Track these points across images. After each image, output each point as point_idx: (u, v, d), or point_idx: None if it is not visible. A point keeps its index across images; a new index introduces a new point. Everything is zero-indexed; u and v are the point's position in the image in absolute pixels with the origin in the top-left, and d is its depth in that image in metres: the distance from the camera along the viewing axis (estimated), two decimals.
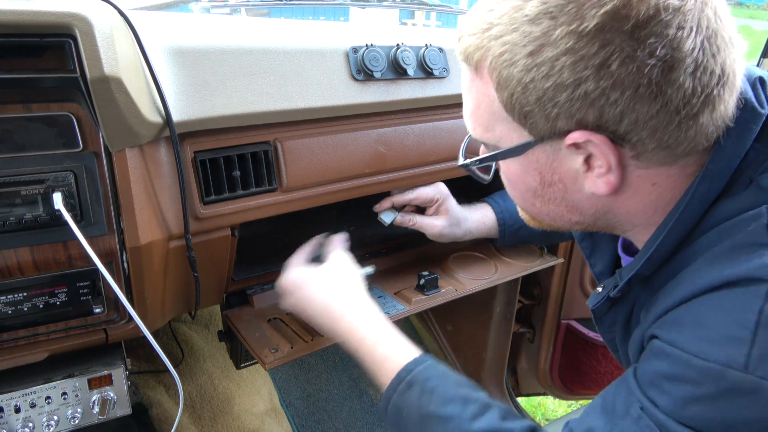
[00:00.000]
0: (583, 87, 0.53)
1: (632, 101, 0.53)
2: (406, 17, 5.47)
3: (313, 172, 1.01)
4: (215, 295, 1.12)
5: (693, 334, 0.54)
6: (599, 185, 0.61)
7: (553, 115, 0.56)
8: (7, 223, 0.76)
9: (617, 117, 0.54)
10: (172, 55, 0.85)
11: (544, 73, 0.54)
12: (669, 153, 0.57)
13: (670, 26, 0.50)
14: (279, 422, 1.67)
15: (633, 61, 0.51)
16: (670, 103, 0.53)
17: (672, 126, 0.54)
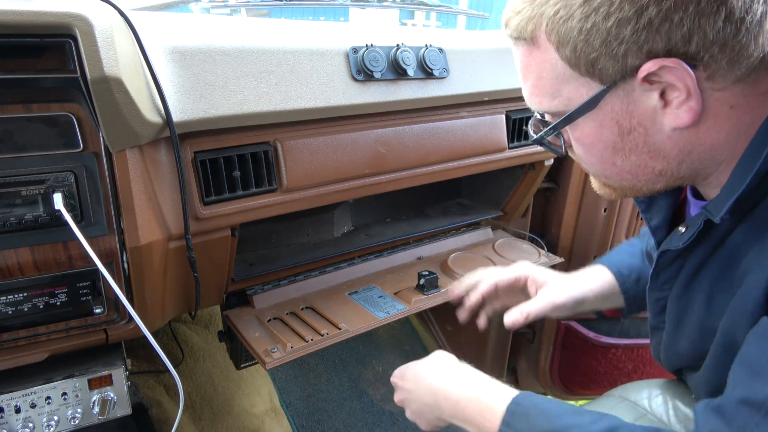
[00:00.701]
0: (646, 15, 0.53)
1: (696, 17, 0.52)
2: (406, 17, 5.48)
3: (313, 173, 1.01)
4: (215, 295, 1.12)
5: None
6: (681, 116, 0.59)
7: (621, 53, 0.56)
8: (7, 224, 0.76)
9: (686, 37, 0.53)
10: (172, 56, 0.85)
11: (603, 13, 0.54)
12: (741, 68, 0.56)
13: None
14: (279, 422, 1.67)
15: None
16: (733, 12, 0.52)
17: (740, 36, 0.53)
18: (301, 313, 1.18)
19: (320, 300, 1.24)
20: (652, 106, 0.59)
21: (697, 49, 0.54)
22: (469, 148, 1.22)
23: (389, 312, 1.19)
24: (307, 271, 1.30)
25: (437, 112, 1.17)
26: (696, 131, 0.60)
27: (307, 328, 1.12)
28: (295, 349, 1.05)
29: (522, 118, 1.32)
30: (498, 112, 1.27)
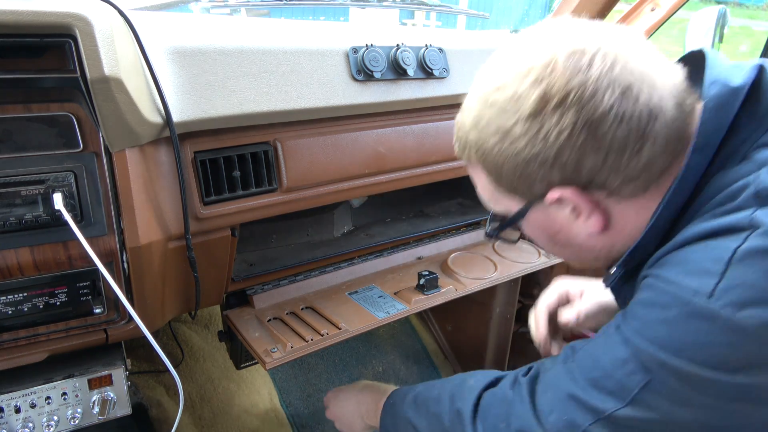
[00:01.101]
0: (540, 157, 0.65)
1: (581, 157, 0.64)
2: (406, 17, 5.48)
3: (313, 172, 1.01)
4: (215, 295, 1.12)
5: (674, 268, 0.63)
6: (590, 226, 0.71)
7: (530, 183, 0.69)
8: (7, 224, 0.76)
9: (576, 171, 0.65)
10: (172, 56, 0.85)
11: (511, 154, 0.67)
12: (635, 184, 0.67)
13: (583, 97, 0.61)
14: (279, 422, 1.67)
15: (565, 129, 0.63)
16: (612, 149, 0.63)
17: (623, 164, 0.64)
18: (301, 313, 1.18)
19: (320, 300, 1.24)
20: (567, 217, 0.72)
21: (589, 178, 0.66)
22: None
23: (389, 312, 1.19)
24: (307, 271, 1.30)
25: (437, 112, 1.17)
26: (612, 232, 0.72)
27: (307, 328, 1.12)
28: (295, 349, 1.05)
29: None
30: None
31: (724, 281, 0.57)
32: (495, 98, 0.67)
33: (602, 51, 0.62)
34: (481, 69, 0.72)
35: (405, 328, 2.05)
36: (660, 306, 0.62)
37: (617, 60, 0.62)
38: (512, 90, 0.65)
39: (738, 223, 0.59)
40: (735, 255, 0.58)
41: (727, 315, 0.57)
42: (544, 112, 0.63)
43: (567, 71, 0.62)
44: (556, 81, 0.62)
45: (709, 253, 0.60)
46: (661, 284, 0.63)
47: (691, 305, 0.59)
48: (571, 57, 0.62)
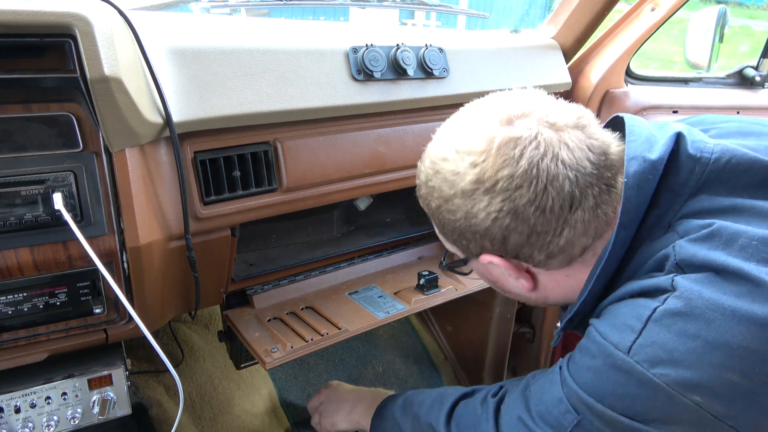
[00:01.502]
0: (472, 228, 0.72)
1: (507, 234, 0.71)
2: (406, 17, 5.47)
3: (313, 172, 1.01)
4: (215, 295, 1.12)
5: (606, 320, 0.69)
6: (519, 286, 0.81)
7: (465, 245, 0.77)
8: (7, 224, 0.76)
9: (503, 245, 0.72)
10: (172, 56, 0.85)
11: (450, 219, 0.74)
12: (560, 258, 0.73)
13: (510, 185, 0.67)
14: (279, 422, 1.67)
15: (493, 211, 0.69)
16: (534, 231, 0.69)
17: (546, 243, 0.71)
18: (301, 313, 1.18)
19: (320, 300, 1.24)
20: (502, 273, 0.81)
21: (514, 252, 0.73)
22: None
23: (389, 312, 1.19)
24: (307, 271, 1.30)
25: (437, 112, 1.17)
26: (543, 290, 0.81)
27: (307, 328, 1.12)
28: (295, 349, 1.05)
29: None
30: None
31: (641, 338, 0.63)
32: (440, 167, 0.74)
33: (536, 139, 0.67)
34: (438, 130, 0.79)
35: (405, 328, 2.05)
36: (590, 354, 0.68)
37: (548, 149, 0.67)
38: (453, 165, 0.72)
39: (660, 285, 0.65)
40: (654, 314, 0.63)
41: (641, 370, 0.62)
42: (476, 194, 0.70)
43: (498, 161, 0.68)
44: (488, 169, 0.68)
45: (634, 310, 0.65)
46: (594, 333, 0.69)
47: (612, 357, 0.65)
48: (505, 147, 0.68)
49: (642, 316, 0.64)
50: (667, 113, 1.53)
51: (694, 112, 1.55)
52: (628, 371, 0.63)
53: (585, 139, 0.69)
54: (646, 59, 1.73)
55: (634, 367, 0.62)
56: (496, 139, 0.68)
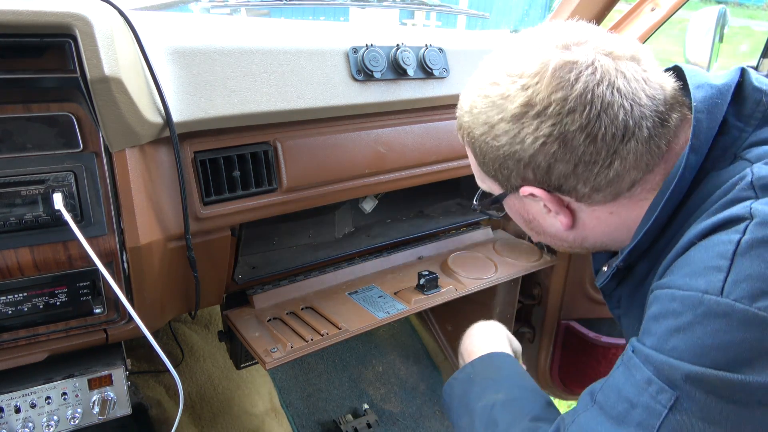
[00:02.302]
0: (516, 156, 0.69)
1: (552, 164, 0.68)
2: (406, 17, 5.47)
3: (313, 172, 1.01)
4: (215, 295, 1.12)
5: (680, 272, 0.62)
6: (558, 223, 0.77)
7: (506, 175, 0.73)
8: (7, 224, 0.76)
9: (547, 175, 0.69)
10: (172, 56, 0.85)
11: (493, 147, 0.71)
12: (605, 193, 0.70)
13: (561, 110, 0.65)
14: (279, 422, 1.67)
15: (541, 137, 0.67)
16: (581, 161, 0.67)
17: (593, 174, 0.68)
18: (301, 313, 1.18)
19: (320, 300, 1.24)
20: (540, 210, 0.77)
21: (558, 183, 0.70)
22: None
23: (389, 312, 1.19)
24: (307, 271, 1.30)
25: (437, 112, 1.17)
26: (583, 229, 0.77)
27: (307, 328, 1.12)
28: (295, 349, 1.05)
29: None
30: None
31: (732, 275, 0.56)
32: (488, 92, 0.70)
33: (593, 65, 0.65)
34: (486, 59, 0.75)
35: (405, 328, 2.05)
36: (672, 315, 0.60)
37: (605, 76, 0.65)
38: (503, 89, 0.69)
39: (736, 215, 0.60)
40: (739, 248, 0.57)
41: (743, 308, 0.55)
42: (525, 117, 0.67)
43: (552, 84, 0.65)
44: (540, 91, 0.66)
45: (712, 250, 0.59)
46: (668, 292, 0.61)
47: (703, 305, 0.57)
48: (561, 69, 0.65)
49: (725, 253, 0.57)
50: None
51: None
52: (727, 314, 0.55)
53: (641, 71, 0.67)
54: None
55: (734, 306, 0.55)
56: (551, 63, 0.66)
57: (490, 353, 0.97)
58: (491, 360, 0.95)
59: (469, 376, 0.94)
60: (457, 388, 0.94)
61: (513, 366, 0.93)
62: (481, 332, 1.09)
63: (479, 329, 1.10)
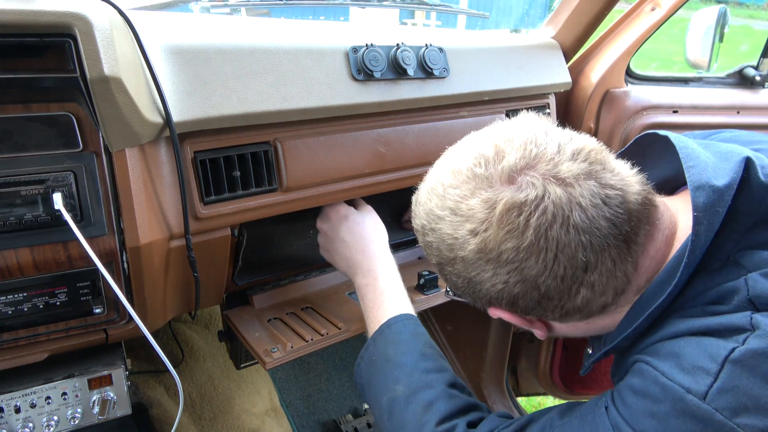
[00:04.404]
0: (480, 287, 0.68)
1: (515, 298, 0.66)
2: (406, 17, 5.47)
3: (313, 172, 1.01)
4: (215, 295, 1.12)
5: (668, 359, 0.61)
6: (534, 330, 0.77)
7: (473, 297, 0.72)
8: (7, 223, 0.76)
9: (515, 305, 0.68)
10: (172, 55, 0.85)
11: (451, 278, 0.71)
12: (576, 316, 0.69)
13: (517, 256, 0.62)
14: (279, 422, 1.67)
15: (499, 277, 0.65)
16: (545, 296, 0.65)
17: (559, 305, 0.66)
18: (301, 313, 1.18)
19: (320, 300, 1.24)
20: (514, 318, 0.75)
21: (526, 311, 0.69)
22: None
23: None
24: (307, 271, 1.30)
25: (437, 112, 1.17)
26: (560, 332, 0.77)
27: (307, 328, 1.12)
28: (295, 349, 1.05)
29: None
30: (498, 111, 1.27)
31: (720, 382, 0.55)
32: (437, 226, 0.69)
33: (544, 203, 0.60)
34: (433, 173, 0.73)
35: None
36: (651, 398, 0.60)
37: (558, 214, 0.60)
38: (452, 229, 0.66)
39: (734, 324, 0.58)
40: (732, 355, 0.56)
41: (721, 419, 0.54)
42: (479, 262, 0.65)
43: (501, 232, 0.62)
44: (490, 240, 0.63)
45: (704, 349, 0.58)
46: (653, 373, 0.61)
47: (683, 403, 0.57)
48: (508, 214, 0.61)
49: (717, 357, 0.56)
50: (668, 113, 1.53)
51: (694, 111, 1.55)
52: (705, 420, 0.55)
53: (599, 191, 0.61)
54: (646, 59, 1.73)
55: (714, 415, 0.54)
56: (497, 206, 0.62)
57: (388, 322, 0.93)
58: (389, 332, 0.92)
59: (372, 358, 0.91)
60: (364, 372, 0.92)
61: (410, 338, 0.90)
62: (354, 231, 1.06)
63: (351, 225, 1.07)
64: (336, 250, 1.07)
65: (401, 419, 0.82)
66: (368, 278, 1.00)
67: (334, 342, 1.09)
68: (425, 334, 0.93)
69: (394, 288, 0.99)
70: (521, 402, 1.98)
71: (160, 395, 1.51)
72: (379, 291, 0.98)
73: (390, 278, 1.00)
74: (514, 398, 1.91)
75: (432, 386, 0.83)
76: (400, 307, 0.96)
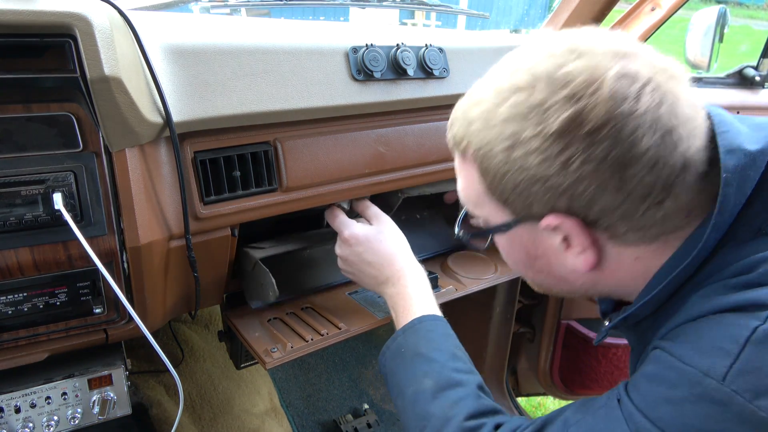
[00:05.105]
0: (552, 181, 0.59)
1: (597, 193, 0.58)
2: (406, 17, 5.48)
3: (313, 172, 1.01)
4: (215, 295, 1.12)
5: (686, 343, 0.57)
6: (578, 263, 0.66)
7: (528, 202, 0.62)
8: (7, 223, 0.76)
9: (586, 205, 0.59)
10: (172, 55, 0.85)
11: (517, 167, 0.60)
12: (643, 234, 0.62)
13: (622, 130, 0.55)
14: (279, 422, 1.67)
15: (592, 160, 0.56)
16: (633, 194, 0.57)
17: (639, 213, 0.59)
18: (301, 313, 1.18)
19: (320, 300, 1.24)
20: (555, 246, 0.66)
21: (596, 216, 0.60)
22: None
23: (389, 312, 1.18)
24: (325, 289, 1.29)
25: (437, 112, 1.17)
26: (598, 272, 0.67)
27: (307, 328, 1.12)
28: (295, 349, 1.05)
29: None
30: None
31: (739, 363, 0.52)
32: (517, 99, 0.59)
33: (653, 82, 0.55)
34: (509, 56, 0.64)
35: None
36: (667, 383, 0.56)
37: (666, 97, 0.56)
38: (541, 97, 0.57)
39: (758, 300, 0.54)
40: (754, 335, 0.52)
41: (742, 402, 0.51)
42: (572, 135, 0.56)
43: (612, 97, 0.54)
44: (597, 105, 0.54)
45: (725, 330, 0.55)
46: (669, 359, 0.57)
47: (700, 386, 0.53)
48: (620, 81, 0.55)
49: (738, 337, 0.53)
50: None
51: None
52: (724, 403, 0.52)
53: (698, 97, 0.58)
54: None
55: (733, 398, 0.51)
56: (608, 71, 0.54)
57: (420, 318, 0.91)
58: (421, 328, 0.90)
59: (399, 348, 0.90)
60: (389, 362, 0.91)
61: (441, 337, 0.88)
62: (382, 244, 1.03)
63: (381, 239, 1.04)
64: (362, 272, 1.06)
65: (426, 411, 0.79)
66: (398, 287, 1.01)
67: (334, 342, 1.09)
68: (455, 337, 0.90)
69: (424, 292, 0.99)
70: (521, 402, 1.98)
71: (160, 395, 1.51)
72: (409, 296, 0.98)
73: (419, 284, 1.00)
74: (514, 398, 1.91)
75: (462, 385, 0.79)
76: (430, 308, 0.95)
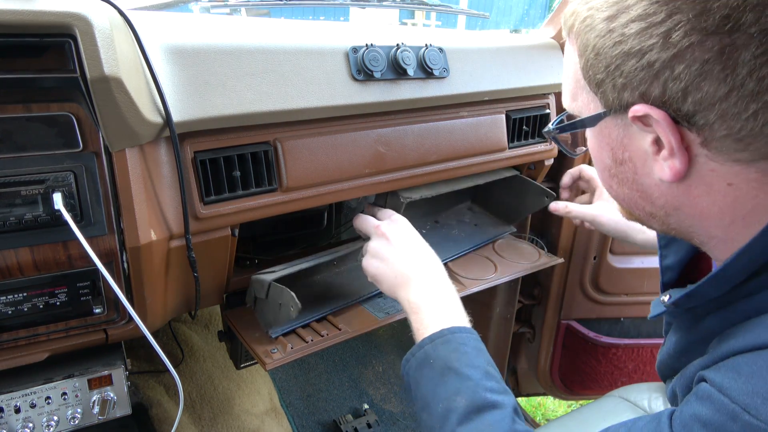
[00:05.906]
0: (648, 56, 0.50)
1: (698, 77, 0.48)
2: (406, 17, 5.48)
3: (313, 172, 1.01)
4: (215, 295, 1.12)
5: (749, 384, 0.48)
6: (665, 169, 0.56)
7: (619, 84, 0.54)
8: (7, 223, 0.76)
9: (681, 93, 0.50)
10: (172, 55, 0.85)
11: (615, 39, 0.52)
12: (744, 147, 0.51)
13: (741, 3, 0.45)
14: (279, 422, 1.67)
15: (698, 32, 0.47)
16: (743, 86, 0.47)
17: (746, 114, 0.48)
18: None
19: None
20: (644, 148, 0.57)
21: (691, 109, 0.51)
22: (469, 148, 1.22)
23: (389, 312, 1.18)
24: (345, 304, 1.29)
25: (437, 112, 1.17)
26: (685, 191, 0.58)
27: (307, 328, 1.12)
28: (295, 349, 1.05)
29: (522, 117, 1.32)
30: (498, 111, 1.27)
31: None
32: None
33: None
34: None
35: (405, 328, 2.05)
36: None
37: None
38: None
39: None
40: None
41: None
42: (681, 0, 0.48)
43: None
44: None
45: None
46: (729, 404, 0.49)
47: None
48: None
49: None
50: None
51: None
52: None
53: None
54: None
55: None
56: None
57: (452, 329, 0.84)
58: (453, 339, 0.83)
59: (428, 358, 0.83)
60: (413, 371, 0.84)
61: (474, 352, 0.82)
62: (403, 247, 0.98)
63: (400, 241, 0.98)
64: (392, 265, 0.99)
65: None
66: (429, 287, 0.95)
67: (334, 343, 1.09)
68: (486, 352, 0.85)
69: (455, 300, 0.93)
70: (521, 402, 1.98)
71: (160, 395, 1.51)
72: (441, 300, 0.92)
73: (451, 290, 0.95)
74: None
75: (497, 407, 0.75)
76: (461, 318, 0.89)
